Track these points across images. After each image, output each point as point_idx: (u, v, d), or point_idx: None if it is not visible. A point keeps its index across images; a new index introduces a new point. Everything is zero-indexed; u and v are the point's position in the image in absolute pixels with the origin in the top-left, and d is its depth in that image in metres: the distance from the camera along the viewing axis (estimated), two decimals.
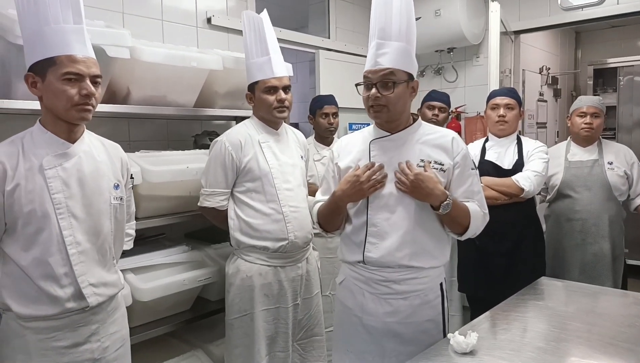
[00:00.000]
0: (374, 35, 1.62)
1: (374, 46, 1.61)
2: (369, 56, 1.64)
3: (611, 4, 3.38)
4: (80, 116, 1.46)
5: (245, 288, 2.15)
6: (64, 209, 1.46)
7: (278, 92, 2.17)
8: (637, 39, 5.43)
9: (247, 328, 2.16)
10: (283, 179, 2.17)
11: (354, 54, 3.84)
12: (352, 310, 1.70)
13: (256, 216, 2.14)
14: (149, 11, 2.63)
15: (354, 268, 1.71)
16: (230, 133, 2.19)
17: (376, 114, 1.63)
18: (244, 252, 2.17)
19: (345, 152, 1.76)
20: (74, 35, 1.44)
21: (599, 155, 2.80)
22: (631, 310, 1.82)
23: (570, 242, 2.77)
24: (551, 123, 5.21)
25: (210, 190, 2.17)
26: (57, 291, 1.45)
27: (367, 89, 1.62)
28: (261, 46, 2.18)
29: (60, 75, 1.41)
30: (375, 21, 1.62)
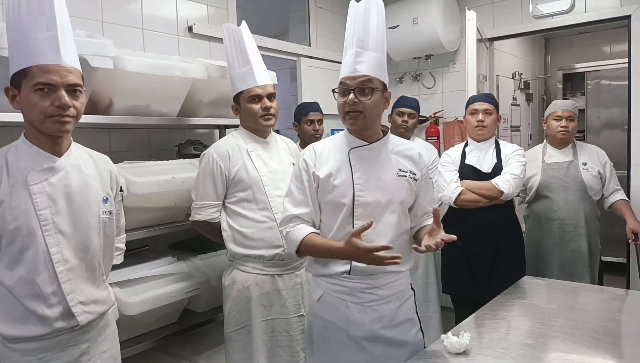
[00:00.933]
0: (351, 44, 1.64)
1: (353, 54, 1.63)
2: (346, 63, 1.66)
3: (579, 12, 3.51)
4: (56, 128, 1.40)
5: (242, 300, 2.11)
6: (51, 226, 1.41)
7: (262, 101, 2.16)
8: (603, 44, 5.63)
9: (245, 341, 2.11)
10: (274, 186, 2.14)
11: (335, 61, 3.87)
12: (335, 324, 1.65)
13: (249, 225, 2.11)
14: (130, 20, 2.61)
15: (336, 280, 1.66)
16: (217, 144, 2.18)
17: (352, 121, 1.64)
18: (240, 262, 2.14)
19: (321, 161, 1.68)
20: (46, 43, 1.38)
21: (574, 156, 2.90)
22: (610, 305, 1.89)
23: (550, 241, 2.86)
24: (524, 126, 5.36)
25: (201, 203, 2.15)
26: (45, 310, 1.40)
27: (343, 95, 1.63)
28: (242, 56, 2.19)
29: (32, 86, 1.36)
30: (354, 31, 1.65)
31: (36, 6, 1.39)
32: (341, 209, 1.63)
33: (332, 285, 1.66)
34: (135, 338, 2.23)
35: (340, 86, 1.65)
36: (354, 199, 1.62)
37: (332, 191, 1.64)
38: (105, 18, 2.50)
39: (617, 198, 2.88)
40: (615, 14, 3.38)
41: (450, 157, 2.79)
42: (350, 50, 1.64)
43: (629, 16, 3.30)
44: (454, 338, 1.44)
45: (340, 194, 1.63)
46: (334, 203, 1.65)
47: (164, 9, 2.78)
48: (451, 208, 2.72)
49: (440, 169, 2.78)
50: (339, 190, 1.63)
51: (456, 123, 4.02)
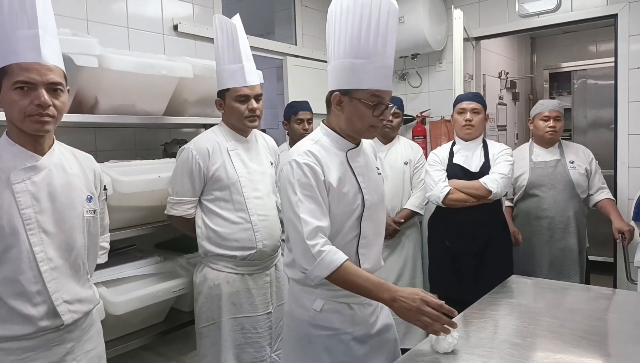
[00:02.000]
0: (379, 52, 1.49)
1: (387, 66, 1.52)
2: (380, 74, 1.51)
3: (565, 11, 3.54)
4: (35, 128, 1.38)
5: (213, 297, 2.13)
6: (34, 225, 1.40)
7: (250, 102, 2.13)
8: (589, 43, 5.69)
9: (215, 337, 2.13)
10: (252, 188, 2.14)
11: (321, 60, 3.86)
12: (340, 330, 1.58)
13: (224, 225, 2.11)
14: (114, 18, 2.58)
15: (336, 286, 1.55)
16: (197, 141, 2.15)
17: (375, 134, 1.62)
18: (212, 260, 2.15)
19: (326, 167, 1.54)
20: (26, 41, 1.35)
21: (561, 155, 2.93)
22: (597, 304, 1.90)
23: (539, 239, 2.89)
24: (511, 126, 5.39)
25: (177, 198, 2.14)
26: (30, 310, 1.39)
27: (379, 109, 1.52)
28: (234, 53, 2.14)
29: (11, 84, 1.34)
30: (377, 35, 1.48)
31: (17, 5, 1.36)
32: (352, 215, 1.56)
33: (333, 291, 1.56)
34: (122, 337, 2.22)
35: (377, 100, 1.51)
36: (363, 203, 1.57)
37: (343, 199, 1.55)
38: (90, 17, 2.46)
39: (603, 197, 2.91)
40: (601, 13, 3.40)
41: (438, 156, 2.80)
42: (378, 61, 1.49)
43: (615, 15, 3.33)
44: (442, 337, 1.43)
45: (352, 199, 1.56)
46: (346, 211, 1.56)
47: (149, 8, 2.75)
48: (439, 207, 2.73)
49: (428, 168, 2.78)
50: (349, 196, 1.55)
51: (443, 122, 4.03)
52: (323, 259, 1.45)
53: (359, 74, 1.49)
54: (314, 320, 1.58)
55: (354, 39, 1.48)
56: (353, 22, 1.48)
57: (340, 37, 1.52)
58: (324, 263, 1.45)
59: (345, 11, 1.50)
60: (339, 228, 1.55)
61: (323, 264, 1.45)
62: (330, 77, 1.57)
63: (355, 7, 1.48)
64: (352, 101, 1.52)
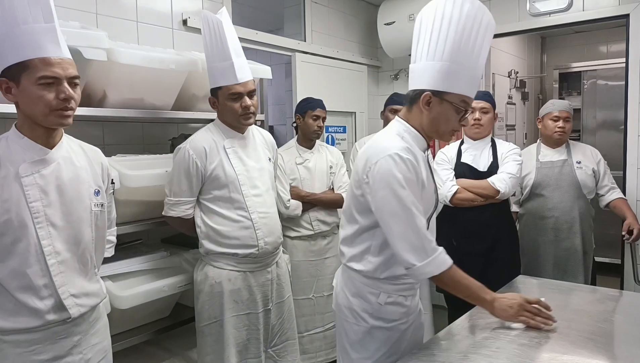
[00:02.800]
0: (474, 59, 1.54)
1: (477, 76, 1.56)
2: (474, 82, 1.56)
3: (577, 10, 3.50)
4: (59, 122, 1.40)
5: (215, 295, 2.12)
6: (42, 218, 1.40)
7: (243, 99, 2.10)
8: (600, 44, 5.64)
9: (217, 335, 2.13)
10: (251, 185, 2.13)
11: (330, 57, 3.85)
12: (400, 320, 1.64)
13: (224, 223, 2.10)
14: (124, 12, 2.58)
15: (400, 280, 1.63)
16: (193, 140, 2.12)
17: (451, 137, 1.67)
18: (213, 258, 2.14)
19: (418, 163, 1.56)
20: (46, 35, 1.36)
21: (568, 155, 2.91)
22: (603, 305, 1.88)
23: (544, 239, 2.87)
24: (520, 125, 5.36)
25: (175, 199, 2.11)
26: (37, 303, 1.40)
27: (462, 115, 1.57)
28: (222, 50, 2.09)
29: (36, 80, 1.34)
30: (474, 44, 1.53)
31: None
32: (426, 213, 1.61)
33: (396, 285, 1.63)
34: (127, 332, 2.23)
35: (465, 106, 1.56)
36: (436, 203, 1.67)
37: (424, 197, 1.58)
38: (99, 10, 2.47)
39: (615, 196, 2.89)
40: (613, 13, 3.37)
41: (446, 155, 2.78)
42: (473, 70, 1.55)
43: (627, 15, 3.29)
44: None
45: (430, 198, 1.63)
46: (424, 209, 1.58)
47: (158, 2, 2.75)
48: (446, 206, 2.71)
49: (436, 167, 2.77)
50: (428, 195, 1.61)
51: None
52: (438, 257, 1.49)
53: (455, 78, 1.52)
54: (377, 313, 1.63)
55: (455, 45, 1.51)
56: (456, 28, 1.51)
57: (439, 40, 1.53)
58: (438, 261, 1.49)
59: (448, 17, 1.52)
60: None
61: (436, 262, 1.48)
62: (417, 76, 1.58)
63: (460, 16, 1.51)
64: (442, 102, 1.54)
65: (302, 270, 2.94)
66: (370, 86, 4.38)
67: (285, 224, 2.99)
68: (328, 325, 3.03)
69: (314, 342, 2.99)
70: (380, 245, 1.59)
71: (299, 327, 2.96)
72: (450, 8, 1.53)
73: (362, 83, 4.22)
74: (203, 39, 2.14)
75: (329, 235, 3.03)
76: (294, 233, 2.95)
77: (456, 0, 1.52)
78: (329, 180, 3.03)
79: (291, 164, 2.94)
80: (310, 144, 3.04)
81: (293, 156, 2.97)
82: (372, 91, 4.43)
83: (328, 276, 2.99)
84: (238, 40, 2.14)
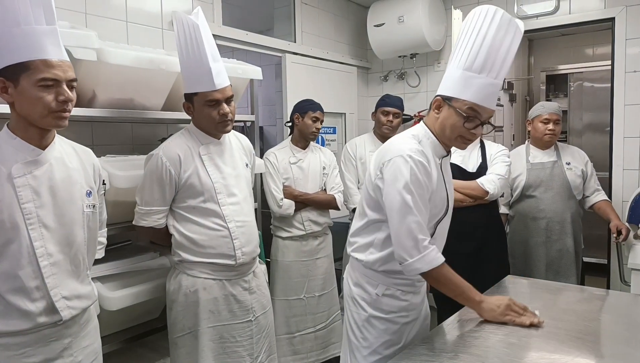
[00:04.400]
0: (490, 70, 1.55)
1: (494, 85, 1.57)
2: (484, 91, 1.56)
3: (564, 13, 3.56)
4: (56, 123, 1.40)
5: (189, 305, 2.03)
6: (35, 220, 1.39)
7: (221, 106, 1.99)
8: (586, 46, 5.71)
9: (191, 347, 2.03)
10: (228, 193, 2.04)
11: (320, 58, 3.86)
12: (398, 312, 1.72)
13: (200, 232, 2.00)
14: (113, 12, 2.56)
15: (398, 275, 1.70)
16: (167, 146, 2.02)
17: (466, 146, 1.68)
18: (187, 266, 2.05)
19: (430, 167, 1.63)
20: (48, 37, 1.36)
21: (557, 157, 2.95)
22: (591, 305, 1.91)
23: (536, 240, 2.90)
24: (507, 127, 5.40)
25: (147, 208, 2.01)
26: (28, 305, 1.38)
27: (472, 123, 1.58)
28: (199, 55, 1.95)
29: (36, 81, 1.34)
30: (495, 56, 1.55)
31: None
32: (435, 218, 1.69)
33: (394, 279, 1.72)
34: (117, 333, 2.21)
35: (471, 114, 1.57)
36: (446, 210, 1.72)
37: (433, 201, 1.64)
38: (89, 10, 2.45)
39: (600, 198, 2.93)
40: (599, 16, 3.42)
41: None
42: (488, 78, 1.56)
43: (613, 18, 3.35)
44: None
45: (439, 203, 1.68)
46: (432, 213, 1.66)
47: (148, 2, 2.74)
48: None
49: None
50: (437, 200, 1.66)
51: None
52: (428, 254, 1.57)
53: (463, 85, 1.57)
54: (375, 303, 1.72)
55: (472, 52, 1.56)
56: (478, 37, 1.55)
57: (462, 47, 1.59)
58: (428, 258, 1.57)
59: (472, 27, 1.57)
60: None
61: (426, 259, 1.56)
62: (441, 82, 1.65)
63: (484, 24, 1.55)
64: (449, 108, 1.60)
65: (293, 270, 2.94)
66: (360, 87, 4.39)
67: (277, 225, 2.99)
68: (319, 326, 3.03)
69: (305, 342, 2.99)
70: (384, 239, 1.67)
71: (290, 327, 2.96)
72: (478, 18, 1.57)
73: (352, 84, 4.24)
74: (177, 41, 2.02)
75: (321, 236, 3.02)
76: (285, 233, 2.95)
77: (488, 11, 1.56)
78: (322, 181, 3.03)
79: (285, 164, 2.93)
80: (305, 145, 3.03)
81: (287, 156, 2.96)
82: (362, 92, 4.44)
83: (319, 276, 3.00)
84: (215, 44, 2.04)
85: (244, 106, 4.11)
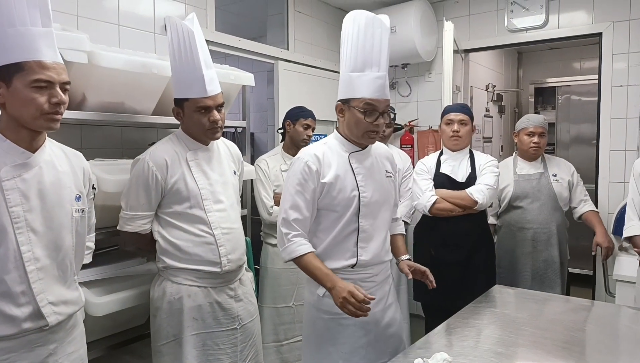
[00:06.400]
0: (371, 65, 1.74)
1: (380, 77, 1.75)
2: (373, 85, 1.74)
3: (552, 27, 3.61)
4: (48, 126, 1.38)
5: (173, 312, 1.99)
6: (23, 224, 1.37)
7: (212, 113, 1.98)
8: (574, 60, 5.80)
9: (175, 354, 1.99)
10: (214, 200, 2.02)
11: (313, 66, 3.88)
12: (341, 315, 1.74)
13: (185, 238, 1.98)
14: (105, 15, 2.55)
15: (342, 274, 1.79)
16: (154, 151, 2.00)
17: (375, 139, 1.84)
18: (171, 273, 2.01)
19: (325, 166, 1.81)
20: (43, 39, 1.35)
21: (544, 168, 2.99)
22: (577, 315, 1.93)
23: (523, 250, 2.93)
24: (496, 138, 5.46)
25: (132, 213, 1.98)
26: (14, 310, 1.35)
27: (372, 116, 1.75)
28: (192, 61, 1.94)
29: (30, 82, 1.32)
30: (371, 52, 1.74)
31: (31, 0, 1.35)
32: (348, 209, 1.80)
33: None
34: (103, 339, 2.17)
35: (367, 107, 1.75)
36: (359, 200, 1.80)
37: (338, 194, 1.79)
38: (81, 12, 2.44)
39: (587, 209, 2.97)
40: (587, 31, 3.48)
41: (426, 165, 2.82)
42: (374, 72, 1.75)
43: (600, 34, 3.41)
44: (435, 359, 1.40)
45: (347, 196, 1.79)
46: (341, 205, 1.79)
47: (140, 6, 2.73)
48: (425, 216, 2.75)
49: (416, 177, 2.80)
50: (345, 192, 1.79)
51: (430, 132, 4.07)
52: (289, 246, 1.78)
53: (354, 85, 1.75)
54: (318, 304, 1.83)
55: (352, 55, 1.75)
56: (352, 40, 1.76)
57: (345, 53, 1.78)
58: (289, 249, 1.78)
59: (350, 32, 1.77)
60: (337, 220, 1.81)
61: (287, 250, 1.78)
62: (338, 89, 1.84)
63: (354, 28, 1.76)
64: (349, 109, 1.79)
65: (282, 278, 2.93)
66: None
67: (267, 232, 2.98)
68: None
69: (293, 350, 2.97)
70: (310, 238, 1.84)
71: (278, 335, 2.94)
72: (349, 24, 1.78)
73: None
74: (169, 46, 2.00)
75: None
76: (275, 240, 2.90)
77: (355, 16, 1.76)
78: None
79: (276, 171, 2.92)
80: (296, 152, 2.98)
81: (278, 163, 2.95)
82: None
83: None
84: (208, 51, 2.03)
85: (235, 112, 4.11)
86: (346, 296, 1.64)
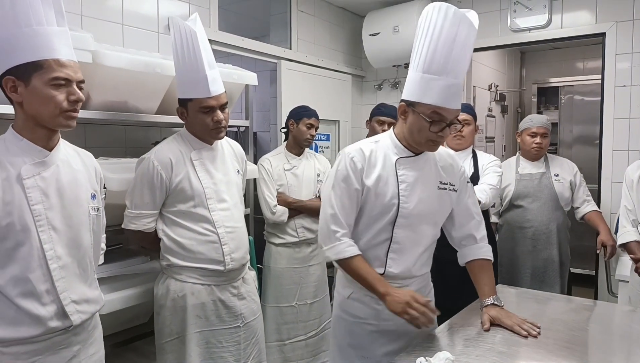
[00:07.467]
0: (448, 71, 1.53)
1: (455, 85, 1.54)
2: (445, 93, 1.53)
3: (555, 27, 3.61)
4: (67, 123, 1.39)
5: (177, 309, 2.01)
6: (44, 221, 1.37)
7: (215, 113, 1.99)
8: (577, 60, 5.79)
9: (179, 352, 2.02)
10: (218, 199, 2.04)
11: (315, 65, 3.88)
12: (365, 319, 1.70)
13: (189, 236, 2.00)
14: (109, 15, 2.57)
15: None
16: (159, 150, 2.02)
17: (437, 148, 1.68)
18: (175, 271, 2.03)
19: (370, 166, 1.66)
20: (60, 38, 1.36)
21: (546, 168, 2.99)
22: (579, 315, 1.93)
23: (523, 249, 2.94)
24: (499, 138, 5.46)
25: (137, 212, 2.00)
26: (39, 309, 1.35)
27: (438, 126, 1.56)
28: (195, 61, 1.95)
29: (49, 80, 1.33)
30: (450, 55, 1.52)
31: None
32: (383, 217, 1.66)
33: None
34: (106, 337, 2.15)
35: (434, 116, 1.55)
36: (398, 210, 1.65)
37: (376, 199, 1.65)
38: (85, 12, 2.45)
39: (590, 209, 2.97)
40: (590, 31, 3.48)
41: None
42: (444, 80, 1.53)
43: (604, 34, 3.40)
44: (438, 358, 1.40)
45: (385, 203, 1.65)
46: (377, 211, 1.66)
47: (144, 6, 2.75)
48: None
49: None
50: (384, 199, 1.65)
51: None
52: (338, 245, 1.64)
53: (425, 88, 1.54)
54: (343, 305, 1.77)
55: (428, 54, 1.53)
56: (431, 37, 1.53)
57: (419, 49, 1.57)
58: (337, 249, 1.64)
59: (426, 27, 1.55)
60: (368, 226, 1.69)
61: (335, 250, 1.65)
62: (404, 86, 1.65)
63: (437, 23, 1.52)
64: (414, 113, 1.59)
65: (285, 277, 2.93)
66: (354, 95, 4.42)
67: (270, 231, 2.99)
68: (310, 333, 3.02)
69: (296, 349, 2.98)
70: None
71: (281, 335, 2.95)
72: (431, 17, 1.54)
73: (346, 92, 4.26)
74: (172, 46, 2.02)
75: (314, 243, 3.01)
76: (278, 239, 2.95)
77: (440, 8, 1.52)
78: (316, 188, 3.02)
79: (279, 170, 2.93)
80: (299, 151, 3.02)
81: (281, 162, 2.96)
82: (356, 100, 4.47)
83: (312, 284, 2.99)
84: (211, 51, 2.04)
85: (239, 111, 4.12)
86: (409, 301, 1.52)
